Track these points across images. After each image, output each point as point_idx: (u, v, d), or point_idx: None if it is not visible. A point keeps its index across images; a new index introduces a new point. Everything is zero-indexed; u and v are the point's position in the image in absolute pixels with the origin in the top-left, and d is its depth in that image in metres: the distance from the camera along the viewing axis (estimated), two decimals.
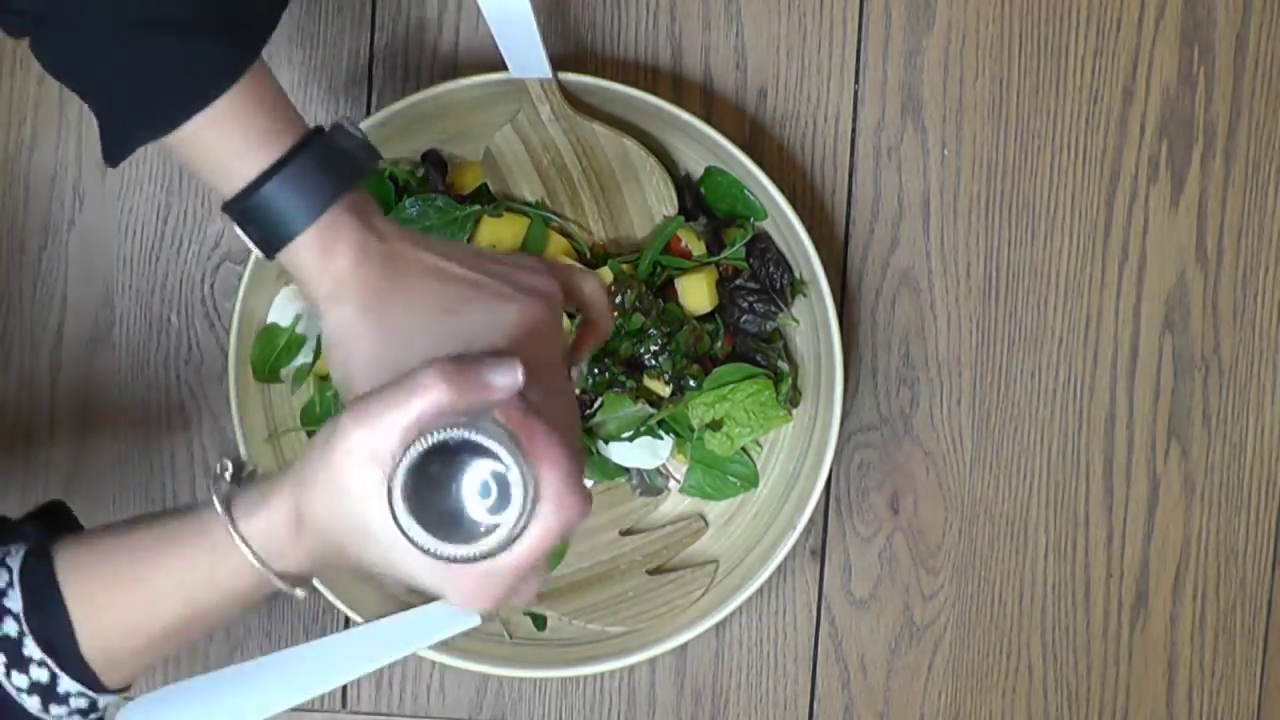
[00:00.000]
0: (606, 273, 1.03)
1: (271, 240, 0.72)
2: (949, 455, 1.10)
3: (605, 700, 1.11)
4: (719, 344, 1.05)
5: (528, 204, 1.05)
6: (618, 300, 1.02)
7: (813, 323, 1.04)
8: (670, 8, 1.07)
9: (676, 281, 1.04)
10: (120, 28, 0.70)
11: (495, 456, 0.62)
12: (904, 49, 1.07)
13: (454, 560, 0.62)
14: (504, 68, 0.99)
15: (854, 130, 1.08)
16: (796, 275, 1.05)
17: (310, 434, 1.06)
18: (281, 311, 1.03)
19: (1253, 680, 1.13)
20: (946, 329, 1.09)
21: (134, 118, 0.72)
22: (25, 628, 0.70)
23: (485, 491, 0.63)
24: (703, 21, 1.07)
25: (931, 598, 1.11)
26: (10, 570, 0.71)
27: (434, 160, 1.05)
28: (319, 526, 0.66)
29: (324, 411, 1.05)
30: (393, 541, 0.63)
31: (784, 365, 1.07)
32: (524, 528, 0.63)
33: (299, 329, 1.03)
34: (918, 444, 1.10)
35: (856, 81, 1.08)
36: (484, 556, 0.63)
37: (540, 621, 1.06)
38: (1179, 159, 1.08)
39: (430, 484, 0.62)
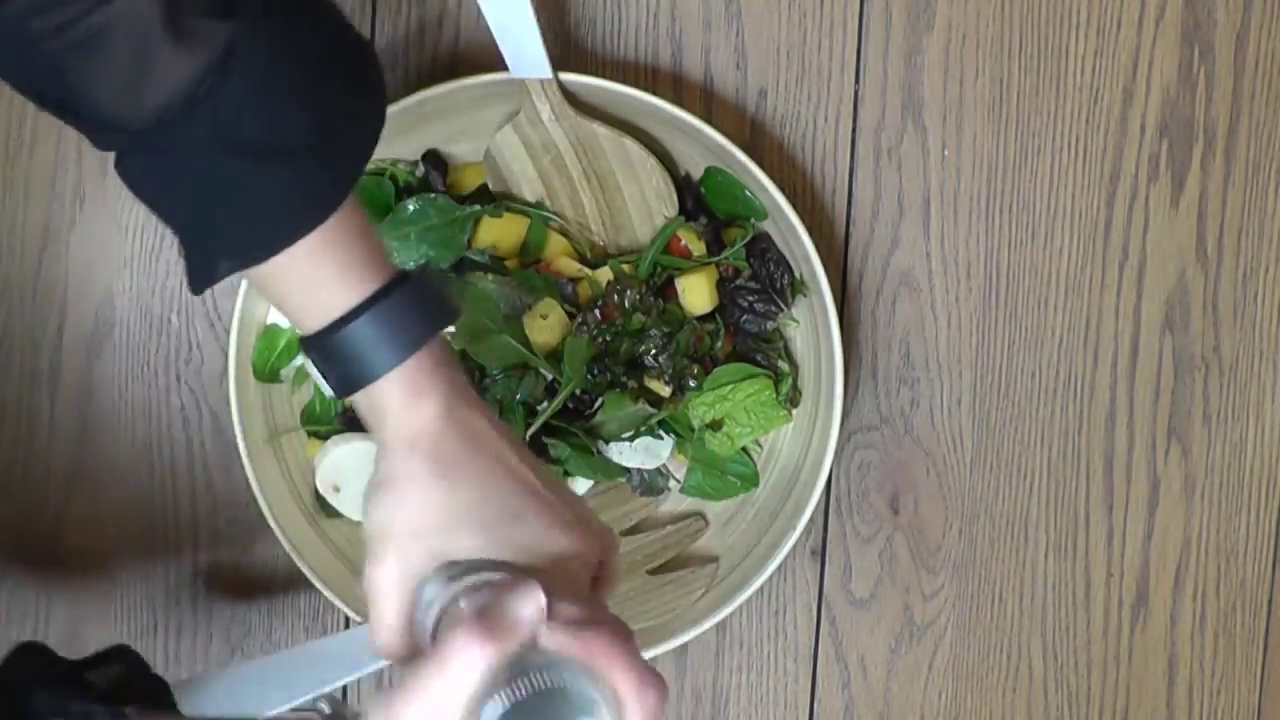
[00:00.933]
0: (606, 272, 1.04)
1: (355, 378, 0.69)
2: (949, 455, 1.10)
3: None
4: (719, 344, 1.05)
5: (528, 204, 1.05)
6: (616, 300, 1.02)
7: (813, 323, 1.04)
8: (670, 8, 1.07)
9: (676, 281, 1.04)
10: (224, 152, 0.67)
11: (564, 693, 0.61)
12: (904, 49, 1.07)
13: None
14: (504, 68, 0.99)
15: (854, 130, 1.08)
16: (796, 275, 1.05)
17: (310, 434, 1.06)
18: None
19: (1253, 680, 1.13)
20: (946, 329, 1.09)
21: (226, 246, 0.69)
22: None
23: None
24: (703, 21, 1.07)
25: (931, 598, 1.11)
26: None
27: (434, 160, 1.05)
28: None
29: (324, 412, 1.05)
30: None
31: (784, 365, 1.07)
32: None
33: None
34: (918, 444, 1.10)
35: (856, 81, 1.08)
36: None
37: None
38: (1179, 159, 1.08)
39: None
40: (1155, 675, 1.12)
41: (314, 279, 0.69)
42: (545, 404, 1.02)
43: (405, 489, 0.69)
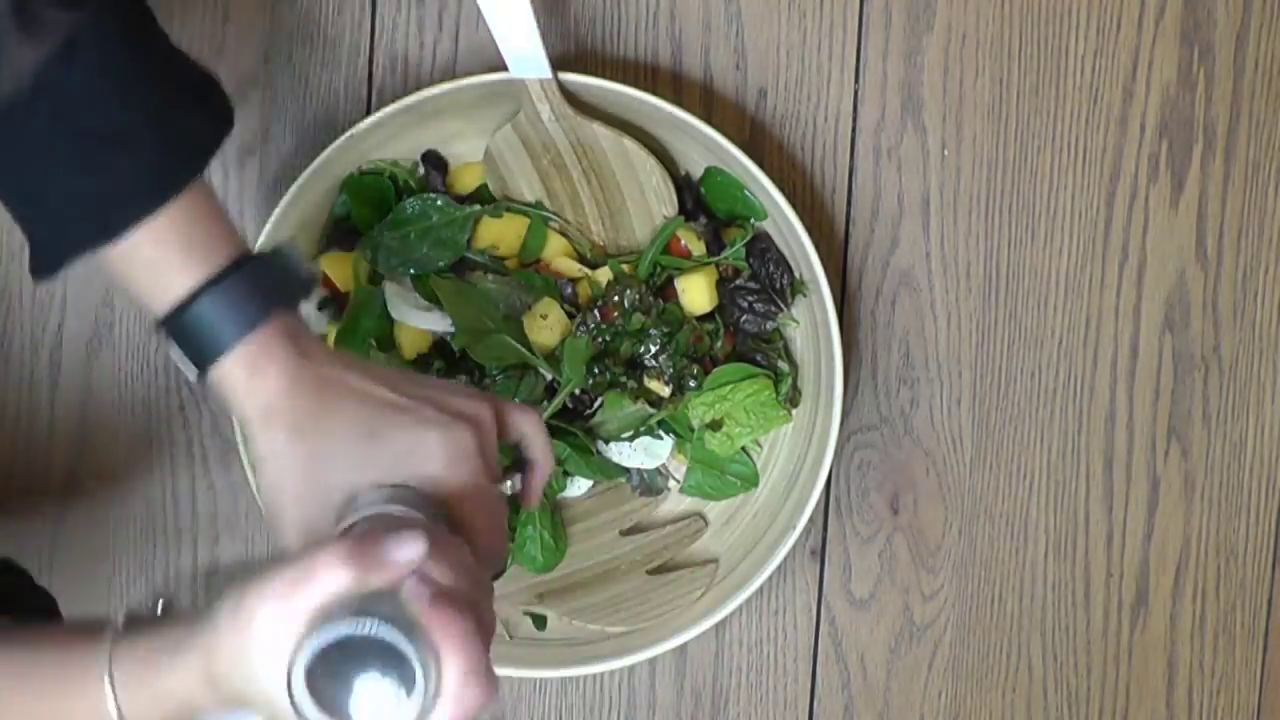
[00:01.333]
0: (606, 272, 1.04)
1: (202, 357, 0.71)
2: (949, 455, 1.10)
3: (605, 700, 1.11)
4: (719, 344, 1.05)
5: (528, 204, 1.05)
6: (616, 300, 1.02)
7: (813, 323, 1.04)
8: (670, 8, 1.07)
9: (676, 281, 1.04)
10: (67, 139, 0.69)
11: (395, 649, 0.61)
12: (904, 49, 1.07)
13: None
14: (504, 68, 0.99)
15: (854, 130, 1.08)
16: (796, 275, 1.05)
17: None
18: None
19: (1253, 680, 1.13)
20: (946, 329, 1.09)
21: (71, 230, 0.71)
22: None
23: (388, 678, 0.62)
24: (703, 21, 1.07)
25: (931, 598, 1.11)
26: None
27: (434, 160, 1.05)
28: (232, 692, 0.66)
29: None
30: None
31: (784, 365, 1.07)
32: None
33: None
34: (918, 444, 1.10)
35: (856, 81, 1.08)
36: None
37: (540, 621, 1.06)
38: (1179, 159, 1.08)
39: (337, 670, 0.61)
40: (1155, 675, 1.12)
41: (157, 262, 0.71)
42: (545, 404, 1.02)
43: (273, 466, 0.71)
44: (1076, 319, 1.09)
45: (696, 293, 1.04)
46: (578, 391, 1.03)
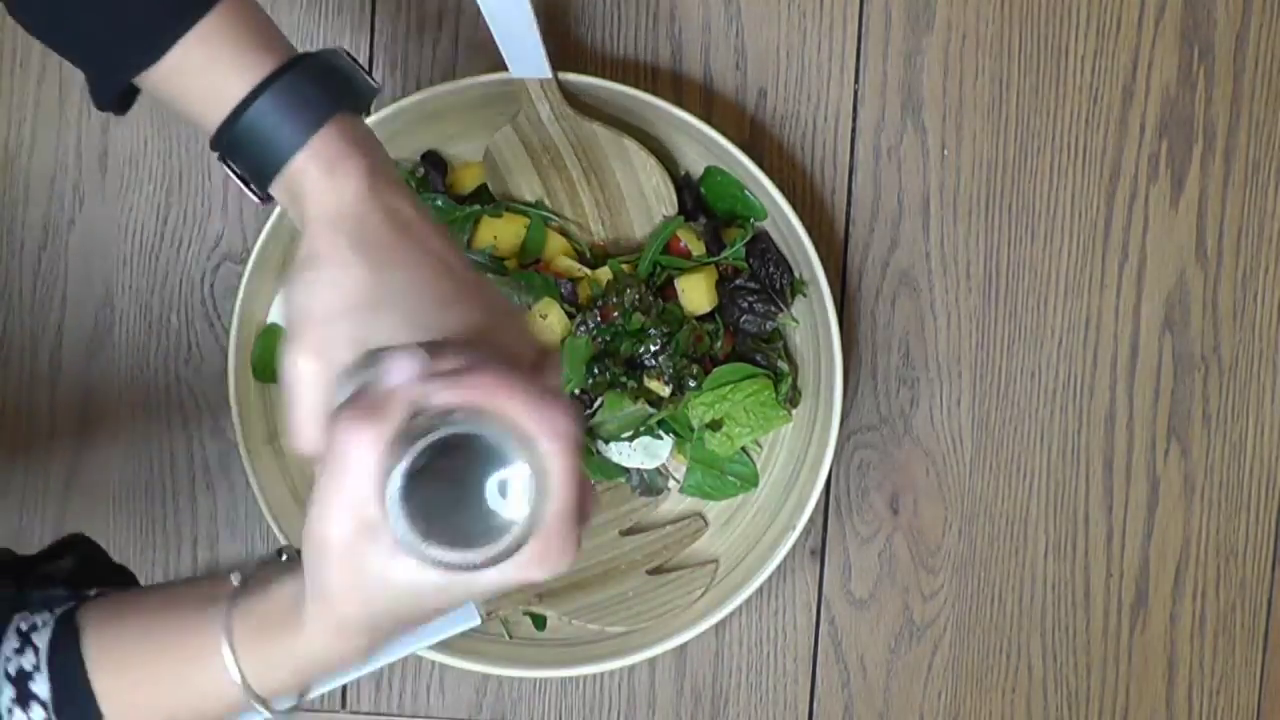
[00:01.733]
0: (606, 272, 1.04)
1: (267, 165, 0.67)
2: (949, 455, 1.10)
3: (605, 700, 1.11)
4: (719, 344, 1.05)
5: (528, 204, 1.05)
6: (616, 300, 1.02)
7: (813, 323, 1.04)
8: (670, 8, 1.07)
9: (676, 281, 1.04)
10: None
11: (460, 443, 0.56)
12: (904, 49, 1.07)
13: (502, 556, 0.56)
14: (504, 68, 0.99)
15: (854, 130, 1.08)
16: (796, 275, 1.05)
17: None
18: (281, 312, 1.03)
19: (1253, 680, 1.13)
20: (946, 329, 1.09)
21: (121, 50, 0.69)
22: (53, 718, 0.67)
23: (487, 476, 0.57)
24: (703, 21, 1.07)
25: (931, 598, 1.11)
26: (38, 651, 0.67)
27: (434, 160, 1.05)
28: (361, 622, 0.62)
29: None
30: (435, 582, 0.58)
31: (784, 365, 1.07)
32: (540, 479, 0.57)
33: None
34: (918, 444, 1.10)
35: (856, 81, 1.08)
36: (523, 539, 0.56)
37: (540, 621, 1.06)
38: (1179, 159, 1.08)
39: (418, 506, 0.57)
40: (1155, 675, 1.12)
41: (210, 68, 0.68)
42: None
43: (327, 267, 0.66)
44: (1076, 319, 1.09)
45: (696, 293, 1.04)
46: (578, 391, 1.03)
